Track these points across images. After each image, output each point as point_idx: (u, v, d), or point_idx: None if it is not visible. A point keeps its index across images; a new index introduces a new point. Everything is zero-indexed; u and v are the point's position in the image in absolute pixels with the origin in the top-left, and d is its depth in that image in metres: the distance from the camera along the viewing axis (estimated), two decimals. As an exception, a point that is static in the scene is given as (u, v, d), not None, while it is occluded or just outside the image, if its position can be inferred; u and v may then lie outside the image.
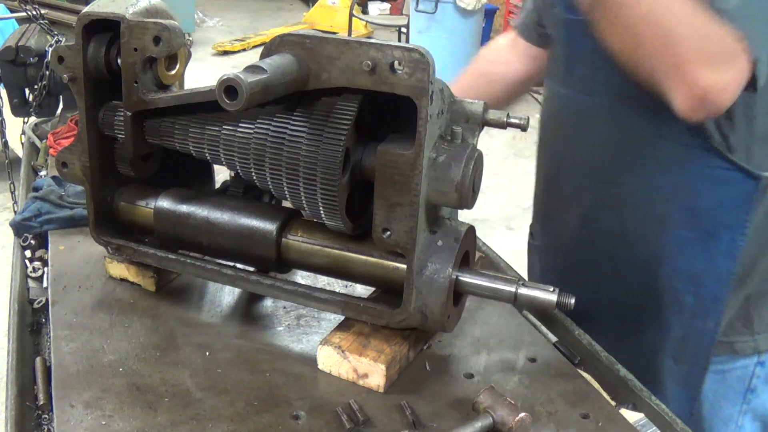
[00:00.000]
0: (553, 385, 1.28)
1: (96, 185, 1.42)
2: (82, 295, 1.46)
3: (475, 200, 1.21)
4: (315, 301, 1.31)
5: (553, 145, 1.78)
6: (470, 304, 1.45)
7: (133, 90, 1.34)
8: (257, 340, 1.36)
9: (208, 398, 1.19)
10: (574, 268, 1.75)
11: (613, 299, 1.66)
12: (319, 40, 1.15)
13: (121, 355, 1.29)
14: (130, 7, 1.32)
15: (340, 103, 1.17)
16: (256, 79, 1.03)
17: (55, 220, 1.72)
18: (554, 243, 1.83)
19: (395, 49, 1.10)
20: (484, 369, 1.31)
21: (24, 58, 2.30)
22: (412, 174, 1.13)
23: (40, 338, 1.44)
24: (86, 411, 1.15)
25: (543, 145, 1.83)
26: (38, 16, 2.40)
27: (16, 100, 2.40)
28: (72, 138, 1.76)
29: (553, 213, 1.82)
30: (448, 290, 1.20)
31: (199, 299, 1.48)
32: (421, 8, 6.75)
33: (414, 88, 1.09)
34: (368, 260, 1.27)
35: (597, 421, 1.20)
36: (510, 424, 1.11)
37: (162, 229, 1.41)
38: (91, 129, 1.38)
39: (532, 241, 1.95)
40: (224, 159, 1.31)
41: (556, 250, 1.83)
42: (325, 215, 1.22)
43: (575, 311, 1.29)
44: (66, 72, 1.35)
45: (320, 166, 1.17)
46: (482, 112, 1.22)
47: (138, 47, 1.31)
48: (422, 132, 1.11)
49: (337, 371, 1.26)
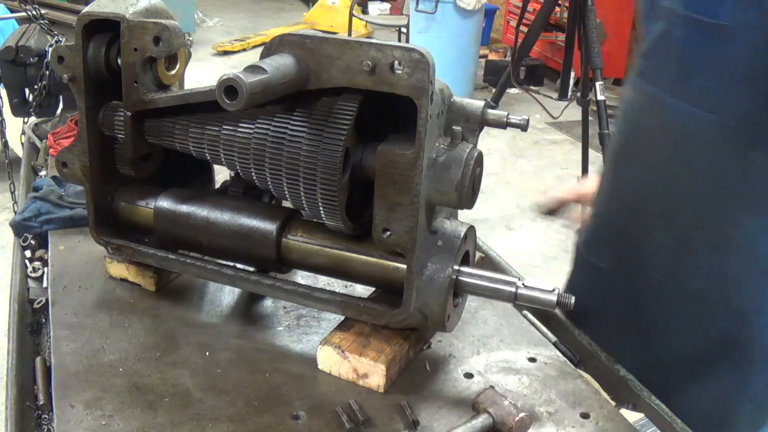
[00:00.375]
0: (553, 385, 1.28)
1: (96, 185, 1.42)
2: (82, 295, 1.46)
3: (475, 200, 1.21)
4: (315, 301, 1.31)
5: (644, 161, 1.50)
6: (470, 304, 1.45)
7: (133, 90, 1.34)
8: (257, 340, 1.36)
9: (208, 398, 1.19)
10: (653, 303, 1.53)
11: (692, 341, 1.49)
12: (319, 40, 1.15)
13: (121, 355, 1.29)
14: (130, 7, 1.32)
15: (340, 103, 1.17)
16: (256, 79, 1.03)
17: (55, 220, 1.72)
18: (630, 271, 1.56)
19: (395, 49, 1.10)
20: (484, 369, 1.31)
21: (24, 58, 2.29)
22: (412, 174, 1.13)
23: (40, 338, 1.44)
24: (86, 411, 1.15)
25: (627, 159, 1.56)
26: (38, 16, 2.40)
27: (16, 100, 2.40)
28: (72, 138, 1.76)
29: (634, 239, 1.55)
30: (448, 290, 1.20)
31: (199, 299, 1.48)
32: (421, 8, 6.74)
33: (414, 88, 1.09)
34: (368, 260, 1.27)
35: (597, 421, 1.20)
36: (510, 424, 1.12)
37: (162, 229, 1.41)
38: (91, 129, 1.38)
39: (595, 261, 1.65)
40: (224, 159, 1.31)
41: (632, 280, 1.57)
42: (325, 215, 1.22)
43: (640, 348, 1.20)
44: (66, 72, 1.35)
45: (320, 166, 1.17)
46: (482, 112, 1.22)
47: (138, 47, 1.31)
48: (422, 132, 1.11)
49: (337, 371, 1.26)
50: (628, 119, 1.55)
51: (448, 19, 6.69)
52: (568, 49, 3.87)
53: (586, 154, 3.66)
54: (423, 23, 6.79)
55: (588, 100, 3.51)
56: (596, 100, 3.30)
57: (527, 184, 5.75)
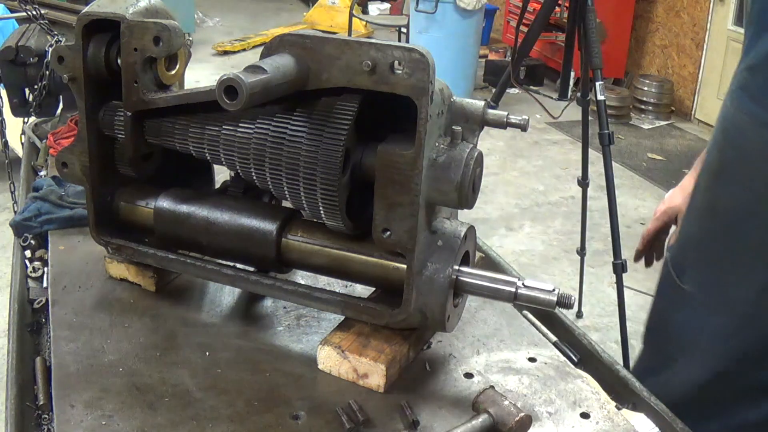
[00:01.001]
0: (553, 385, 1.28)
1: (96, 185, 1.42)
2: (82, 295, 1.46)
3: (475, 200, 1.21)
4: (315, 301, 1.31)
5: (743, 184, 1.41)
6: (470, 304, 1.45)
7: (133, 90, 1.34)
8: (257, 340, 1.36)
9: (208, 398, 1.19)
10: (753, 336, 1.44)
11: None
12: (319, 40, 1.15)
13: (121, 355, 1.29)
14: (130, 7, 1.32)
15: (340, 103, 1.17)
16: (256, 79, 1.03)
17: (55, 220, 1.72)
18: (715, 301, 1.48)
19: (395, 49, 1.10)
20: (484, 369, 1.31)
21: (24, 58, 2.29)
22: (412, 174, 1.13)
23: (40, 338, 1.44)
24: (86, 411, 1.15)
25: (725, 180, 1.46)
26: (38, 16, 2.40)
27: (16, 100, 2.40)
28: (72, 138, 1.76)
29: (723, 267, 1.47)
30: (448, 290, 1.20)
31: (199, 299, 1.48)
32: (421, 8, 6.74)
33: (414, 88, 1.09)
34: (368, 260, 1.27)
35: (597, 421, 1.20)
36: (510, 424, 1.11)
37: (162, 229, 1.41)
38: (91, 129, 1.38)
39: (680, 282, 1.57)
40: (224, 159, 1.31)
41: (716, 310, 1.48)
42: (325, 215, 1.22)
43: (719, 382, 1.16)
44: (66, 72, 1.35)
45: (320, 166, 1.17)
46: (482, 112, 1.22)
47: (138, 47, 1.31)
48: (422, 132, 1.11)
49: (337, 371, 1.26)
50: (728, 137, 1.45)
51: (448, 19, 6.69)
52: (568, 49, 3.86)
53: (586, 154, 3.65)
54: (423, 23, 6.79)
55: (588, 100, 3.50)
56: (596, 100, 3.29)
57: (527, 184, 5.75)
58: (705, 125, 7.00)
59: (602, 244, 4.53)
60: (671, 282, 1.59)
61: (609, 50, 6.30)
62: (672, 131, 7.01)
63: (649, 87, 7.16)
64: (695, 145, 6.65)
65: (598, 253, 4.50)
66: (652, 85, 7.16)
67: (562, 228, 5.02)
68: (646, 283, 4.32)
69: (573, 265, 4.21)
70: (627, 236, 3.96)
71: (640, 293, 4.20)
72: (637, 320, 3.96)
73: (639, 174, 6.00)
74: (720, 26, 6.77)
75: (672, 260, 1.61)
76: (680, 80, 7.29)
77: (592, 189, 3.92)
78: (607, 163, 3.32)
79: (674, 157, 6.38)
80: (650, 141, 6.72)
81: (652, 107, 7.18)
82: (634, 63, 7.75)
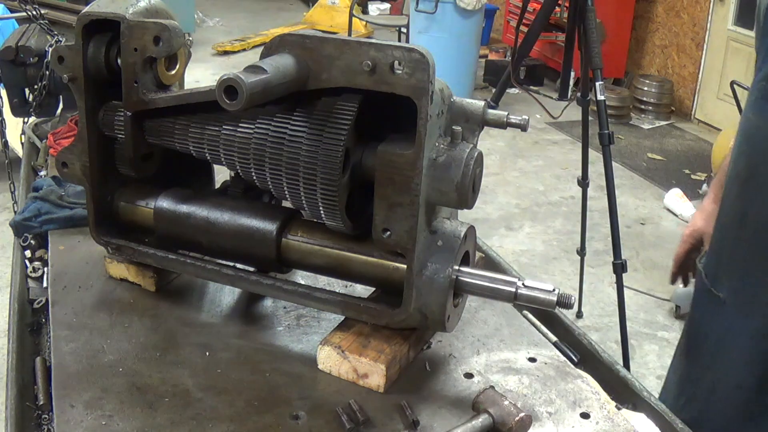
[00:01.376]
0: (553, 385, 1.28)
1: (96, 185, 1.42)
2: (82, 295, 1.46)
3: (475, 200, 1.21)
4: (315, 301, 1.31)
5: None
6: (470, 304, 1.45)
7: (133, 90, 1.34)
8: (257, 340, 1.36)
9: (208, 398, 1.19)
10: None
11: None
12: (319, 40, 1.15)
13: (121, 355, 1.29)
14: (130, 7, 1.32)
15: (340, 103, 1.17)
16: (256, 79, 1.03)
17: (55, 220, 1.72)
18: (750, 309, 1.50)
19: (395, 49, 1.10)
20: (484, 369, 1.31)
21: (24, 58, 2.29)
22: (412, 174, 1.13)
23: (40, 338, 1.44)
24: (86, 411, 1.15)
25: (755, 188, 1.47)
26: (38, 16, 2.40)
27: (16, 100, 2.40)
28: (72, 138, 1.76)
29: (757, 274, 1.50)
30: (448, 290, 1.20)
31: (199, 299, 1.48)
32: (421, 8, 6.74)
33: (414, 88, 1.09)
34: (368, 260, 1.27)
35: (597, 421, 1.20)
36: (510, 424, 1.12)
37: (162, 229, 1.41)
38: (91, 129, 1.38)
39: (714, 290, 1.59)
40: (224, 159, 1.31)
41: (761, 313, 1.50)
42: (325, 215, 1.22)
43: None
44: (66, 72, 1.35)
45: (320, 166, 1.17)
46: (482, 112, 1.22)
47: (138, 47, 1.31)
48: (422, 132, 1.11)
49: (337, 371, 1.26)
50: (755, 146, 1.47)
51: (448, 19, 6.69)
52: (568, 49, 3.86)
53: (586, 154, 3.65)
54: (423, 23, 6.79)
55: (588, 100, 3.50)
56: (596, 100, 3.29)
57: (527, 184, 5.75)
58: (705, 125, 7.00)
59: (602, 244, 4.53)
60: (706, 291, 1.61)
61: (609, 50, 6.30)
62: (672, 131, 7.01)
63: (649, 87, 7.16)
64: (695, 145, 6.65)
65: (598, 253, 4.50)
66: (652, 85, 7.16)
67: (562, 228, 5.01)
68: (646, 283, 4.32)
69: (573, 265, 4.21)
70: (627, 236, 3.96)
71: (640, 293, 4.21)
72: (637, 320, 3.97)
73: (639, 174, 5.99)
74: (720, 26, 6.77)
75: (705, 269, 1.64)
76: (680, 80, 7.29)
77: (592, 189, 3.92)
78: (607, 163, 3.32)
79: (674, 157, 6.37)
80: (650, 141, 6.72)
81: (652, 107, 7.18)
82: (634, 63, 7.75)
